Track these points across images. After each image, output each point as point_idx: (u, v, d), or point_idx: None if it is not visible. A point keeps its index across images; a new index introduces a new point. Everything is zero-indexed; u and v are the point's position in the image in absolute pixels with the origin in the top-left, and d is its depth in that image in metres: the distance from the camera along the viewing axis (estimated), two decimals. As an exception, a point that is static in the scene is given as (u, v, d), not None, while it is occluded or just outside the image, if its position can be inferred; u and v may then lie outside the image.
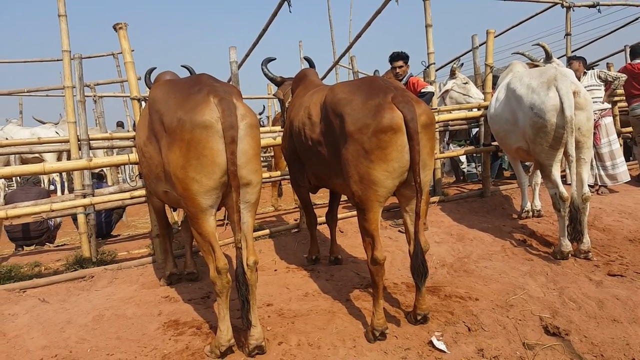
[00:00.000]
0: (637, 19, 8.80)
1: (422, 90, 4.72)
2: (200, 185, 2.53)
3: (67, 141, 4.51)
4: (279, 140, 4.57)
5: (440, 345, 2.77)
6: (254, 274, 2.69)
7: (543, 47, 5.05)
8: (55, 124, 10.15)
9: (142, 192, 4.28)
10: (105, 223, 6.00)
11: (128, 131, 10.15)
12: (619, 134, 6.82)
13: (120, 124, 10.79)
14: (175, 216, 5.70)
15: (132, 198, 4.31)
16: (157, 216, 3.90)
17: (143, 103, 4.11)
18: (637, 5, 7.96)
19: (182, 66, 4.15)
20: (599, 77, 5.73)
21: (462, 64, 7.24)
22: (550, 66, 4.37)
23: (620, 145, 6.91)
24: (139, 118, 3.40)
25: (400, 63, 4.86)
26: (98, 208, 4.81)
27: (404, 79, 4.87)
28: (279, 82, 4.28)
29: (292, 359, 2.65)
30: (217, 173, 2.52)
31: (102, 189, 4.81)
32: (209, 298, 3.52)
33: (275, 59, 4.28)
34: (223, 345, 2.66)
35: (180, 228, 4.36)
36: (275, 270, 4.00)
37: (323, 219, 4.23)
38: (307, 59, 4.30)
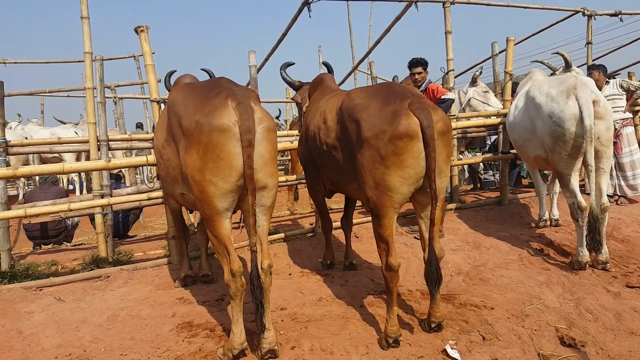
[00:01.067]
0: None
1: (442, 97, 4.69)
2: (217, 188, 2.55)
3: (87, 141, 4.59)
4: (295, 144, 4.59)
5: (454, 354, 2.74)
6: (268, 278, 2.70)
7: (562, 55, 4.99)
8: (76, 125, 10.34)
9: (159, 193, 4.34)
10: (122, 223, 6.09)
11: (147, 132, 10.32)
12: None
13: (139, 125, 10.96)
14: (192, 218, 5.75)
15: (149, 199, 4.37)
16: (173, 218, 3.94)
17: (162, 105, 4.17)
18: (660, 13, 7.81)
19: (202, 69, 4.20)
20: (621, 87, 5.64)
21: (481, 71, 7.18)
22: (570, 75, 4.32)
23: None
24: (157, 120, 3.45)
25: (419, 69, 4.82)
26: (115, 208, 4.89)
27: (423, 86, 4.84)
28: (297, 87, 4.30)
29: (304, 364, 2.65)
30: (234, 176, 2.54)
31: (120, 190, 4.88)
32: (223, 301, 3.54)
33: (294, 63, 4.30)
34: (236, 348, 2.67)
35: (196, 230, 4.40)
36: (290, 274, 4.01)
37: (338, 223, 4.23)
38: (326, 64, 4.32)
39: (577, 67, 5.49)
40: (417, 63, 4.81)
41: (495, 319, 3.11)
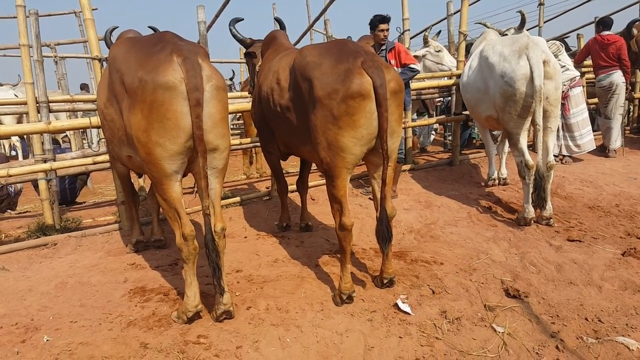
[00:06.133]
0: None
1: (411, 66, 4.64)
2: (164, 150, 2.45)
3: (25, 103, 4.28)
4: (248, 106, 4.47)
5: (405, 307, 2.85)
6: (222, 240, 2.67)
7: (522, 14, 5.02)
8: (14, 86, 9.61)
9: (106, 157, 4.14)
10: (69, 190, 5.82)
11: (92, 94, 9.77)
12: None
13: (84, 87, 10.29)
14: (142, 182, 5.57)
15: (95, 163, 4.16)
16: (121, 182, 3.79)
17: (104, 64, 3.91)
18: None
19: (148, 27, 3.95)
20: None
21: (440, 31, 7.16)
22: (522, 34, 4.37)
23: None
24: (100, 78, 3.24)
25: (386, 26, 4.63)
26: (60, 174, 4.64)
27: (389, 44, 4.73)
28: (248, 44, 4.12)
29: (260, 323, 2.68)
30: (182, 137, 2.44)
31: (64, 154, 4.62)
32: (177, 265, 3.50)
33: (243, 19, 4.10)
34: (190, 311, 2.65)
35: (146, 195, 4.26)
36: (246, 237, 4.00)
37: (294, 186, 4.22)
38: (278, 20, 4.15)
39: (528, 29, 5.57)
40: (384, 20, 4.60)
41: (444, 274, 3.25)
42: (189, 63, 2.40)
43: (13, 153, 10.68)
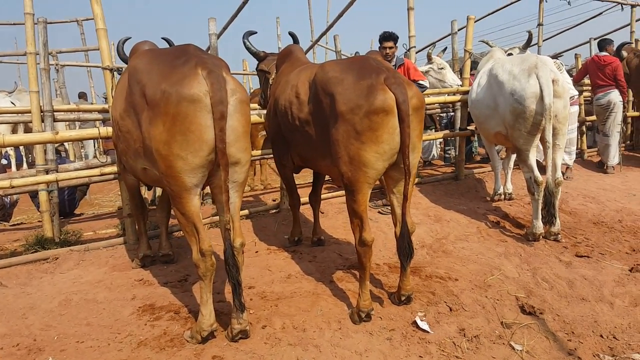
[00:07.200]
0: (601, 13, 9.14)
1: (420, 82, 4.77)
2: (186, 163, 2.41)
3: (27, 112, 4.19)
4: (255, 118, 4.42)
5: (424, 325, 2.81)
6: (240, 256, 2.62)
7: (530, 34, 5.12)
8: (10, 93, 9.43)
9: (113, 168, 4.06)
10: (68, 201, 5.68)
11: (92, 103, 9.64)
12: (583, 122, 7.11)
13: (82, 95, 10.15)
14: (147, 194, 5.48)
15: (101, 175, 4.07)
16: (130, 195, 3.71)
17: (116, 74, 3.86)
18: (603, 0, 8.23)
19: (162, 38, 3.92)
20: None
21: (446, 47, 7.25)
22: (531, 54, 4.44)
23: (584, 133, 7.23)
24: (116, 89, 3.19)
25: (390, 44, 4.75)
26: (61, 185, 4.54)
27: (394, 61, 4.81)
28: (262, 57, 4.11)
29: (277, 343, 2.61)
30: (204, 150, 2.40)
31: (67, 165, 4.53)
32: (187, 281, 3.42)
33: (256, 32, 4.10)
34: (205, 330, 2.58)
35: (155, 207, 4.19)
36: (257, 251, 3.92)
37: (305, 199, 4.18)
38: (292, 35, 4.15)
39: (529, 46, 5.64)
40: (390, 37, 4.73)
41: (460, 290, 3.22)
42: (214, 76, 2.37)
43: (4, 162, 10.45)
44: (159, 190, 5.39)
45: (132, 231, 4.12)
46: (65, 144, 7.60)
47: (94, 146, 9.55)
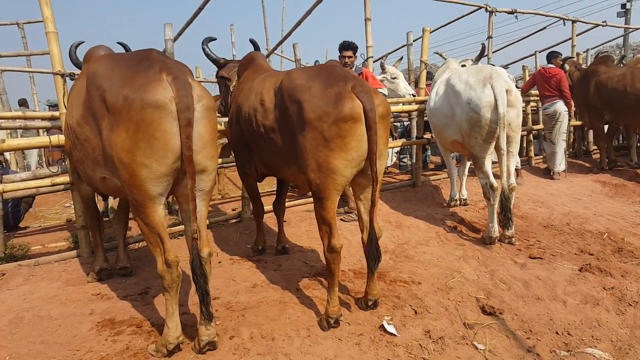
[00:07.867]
0: (545, 27, 9.76)
1: (379, 90, 4.80)
2: (150, 171, 2.33)
3: (-31, 119, 3.89)
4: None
5: (390, 329, 2.85)
6: (208, 266, 2.55)
7: (483, 46, 5.36)
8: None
9: (65, 178, 3.85)
10: (12, 214, 5.32)
11: (34, 110, 9.12)
12: (530, 131, 7.52)
13: (23, 103, 9.56)
14: (100, 205, 5.23)
15: (52, 185, 3.84)
16: (85, 206, 3.53)
17: (67, 79, 3.67)
18: (546, 15, 8.79)
19: (118, 43, 3.76)
20: None
21: (402, 57, 7.44)
22: (486, 65, 4.65)
23: (531, 140, 7.64)
24: (70, 95, 3.03)
25: (349, 53, 4.85)
26: (7, 197, 4.25)
27: (353, 70, 4.89)
28: (221, 64, 4.05)
29: (245, 353, 2.57)
30: (170, 158, 2.33)
31: (12, 175, 4.23)
32: (147, 294, 3.30)
33: (215, 39, 4.05)
34: (171, 342, 2.51)
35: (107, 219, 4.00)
36: (220, 262, 3.83)
37: (269, 207, 4.14)
38: (253, 42, 4.12)
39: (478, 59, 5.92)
40: (349, 47, 4.84)
41: (424, 293, 3.30)
42: (180, 82, 2.31)
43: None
44: (112, 201, 5.17)
45: (86, 244, 3.92)
46: (6, 153, 7.13)
47: (38, 156, 9.02)
